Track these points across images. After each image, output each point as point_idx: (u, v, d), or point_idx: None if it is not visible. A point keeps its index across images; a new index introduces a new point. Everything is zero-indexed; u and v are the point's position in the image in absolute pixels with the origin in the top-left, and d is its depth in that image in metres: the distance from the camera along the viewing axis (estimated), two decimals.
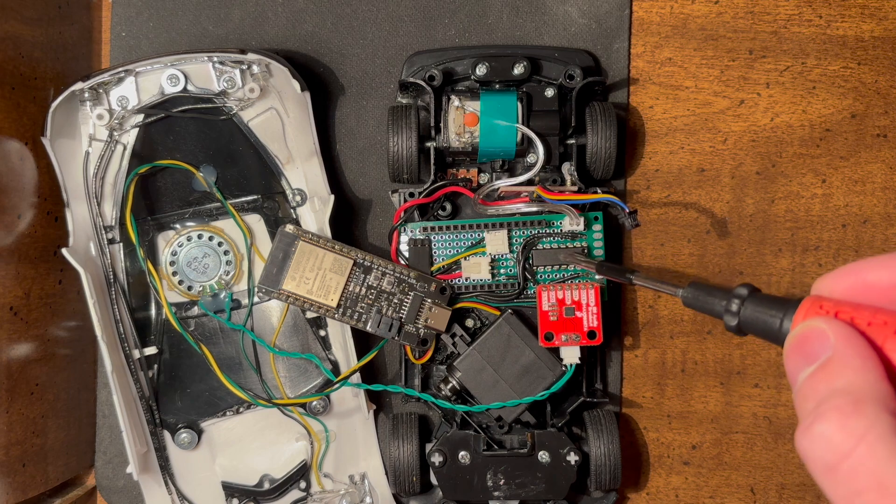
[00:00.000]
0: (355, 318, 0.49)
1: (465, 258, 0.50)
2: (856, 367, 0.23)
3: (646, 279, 0.39)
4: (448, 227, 0.50)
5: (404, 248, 0.50)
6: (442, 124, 0.50)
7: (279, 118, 0.51)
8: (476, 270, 0.50)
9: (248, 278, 0.52)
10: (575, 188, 0.50)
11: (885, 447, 0.21)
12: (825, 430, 0.22)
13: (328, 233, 0.50)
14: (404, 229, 0.50)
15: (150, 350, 0.52)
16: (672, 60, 0.54)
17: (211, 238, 0.52)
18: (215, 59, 0.49)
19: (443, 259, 0.50)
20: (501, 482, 0.51)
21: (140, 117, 0.50)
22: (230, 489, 0.53)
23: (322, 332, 0.53)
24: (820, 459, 0.22)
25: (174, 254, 0.52)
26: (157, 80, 0.50)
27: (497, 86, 0.51)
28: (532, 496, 0.51)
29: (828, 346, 0.24)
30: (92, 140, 0.50)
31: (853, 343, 0.23)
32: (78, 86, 0.48)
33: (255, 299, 0.52)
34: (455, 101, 0.50)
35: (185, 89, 0.50)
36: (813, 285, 0.26)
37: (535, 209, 0.49)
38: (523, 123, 0.49)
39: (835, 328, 0.24)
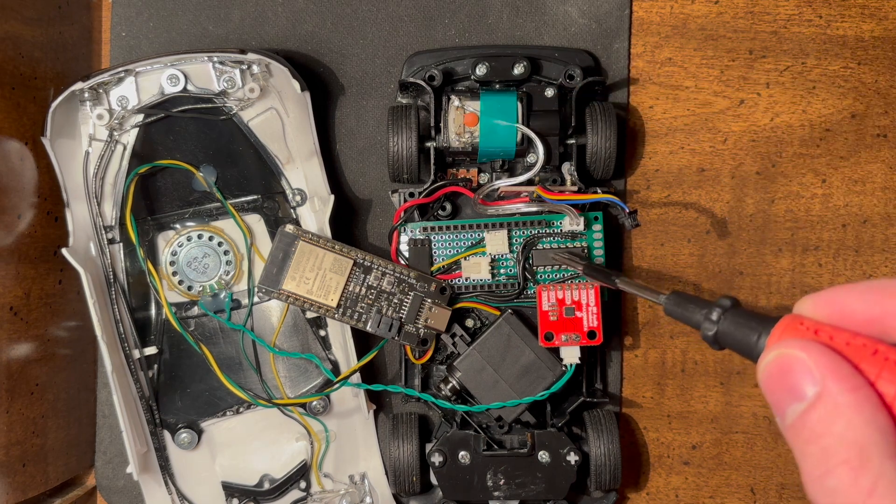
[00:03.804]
0: (355, 318, 0.49)
1: (465, 258, 0.50)
2: (851, 406, 0.23)
3: (629, 284, 0.38)
4: (448, 227, 0.50)
5: (404, 248, 0.50)
6: (442, 124, 0.50)
7: (279, 118, 0.51)
8: (476, 270, 0.50)
9: (248, 278, 0.52)
10: (575, 188, 0.50)
11: (892, 497, 0.22)
12: (837, 486, 0.22)
13: (328, 233, 0.50)
14: (404, 229, 0.50)
15: (150, 350, 0.52)
16: (672, 60, 0.54)
17: (211, 238, 0.52)
18: (215, 59, 0.49)
19: (443, 259, 0.50)
20: (501, 482, 0.51)
21: (140, 117, 0.50)
22: (230, 489, 0.53)
23: (322, 332, 0.53)
24: None
25: (174, 254, 0.52)
26: (157, 80, 0.50)
27: (497, 86, 0.51)
28: (532, 496, 0.51)
29: (813, 380, 0.23)
30: (92, 140, 0.50)
31: (840, 374, 0.23)
32: (78, 86, 0.48)
33: (255, 299, 0.52)
34: (455, 101, 0.50)
35: (185, 89, 0.50)
36: (795, 305, 0.26)
37: (535, 209, 0.49)
38: (523, 123, 0.49)
39: (817, 358, 0.24)
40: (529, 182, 0.49)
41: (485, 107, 0.49)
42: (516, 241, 0.50)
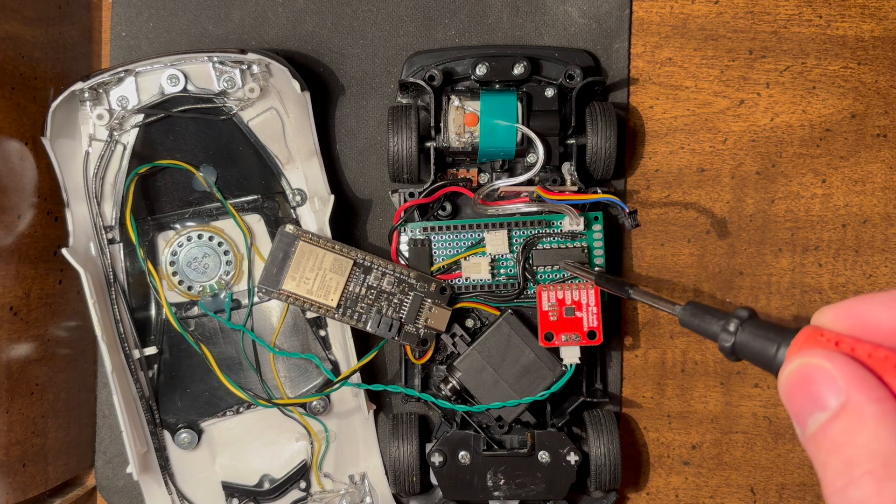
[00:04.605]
0: (355, 318, 0.49)
1: (465, 258, 0.50)
2: (875, 417, 0.22)
3: (643, 294, 0.38)
4: (448, 227, 0.50)
5: (404, 248, 0.50)
6: (442, 124, 0.50)
7: (279, 118, 0.51)
8: (476, 270, 0.50)
9: (248, 278, 0.52)
10: (575, 188, 0.50)
11: None
12: (860, 497, 0.22)
13: (328, 233, 0.50)
14: (404, 229, 0.50)
15: (150, 350, 0.52)
16: (672, 60, 0.54)
17: (211, 238, 0.52)
18: (215, 59, 0.49)
19: (443, 259, 0.50)
20: (501, 482, 0.51)
21: (140, 117, 0.50)
22: (230, 489, 0.53)
23: (322, 332, 0.53)
24: None
25: (174, 254, 0.52)
26: (157, 80, 0.50)
27: (497, 86, 0.51)
28: (532, 496, 0.51)
29: (837, 390, 0.23)
30: (92, 140, 0.50)
31: (865, 385, 0.23)
32: (78, 86, 0.48)
33: (255, 299, 0.52)
34: (455, 101, 0.50)
35: (185, 89, 0.50)
36: (813, 316, 0.25)
37: (535, 209, 0.49)
38: (523, 123, 0.49)
39: (841, 368, 0.23)
40: (529, 182, 0.49)
41: (485, 107, 0.49)
42: (516, 241, 0.50)
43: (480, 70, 0.50)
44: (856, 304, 0.25)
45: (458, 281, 0.50)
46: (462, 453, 0.51)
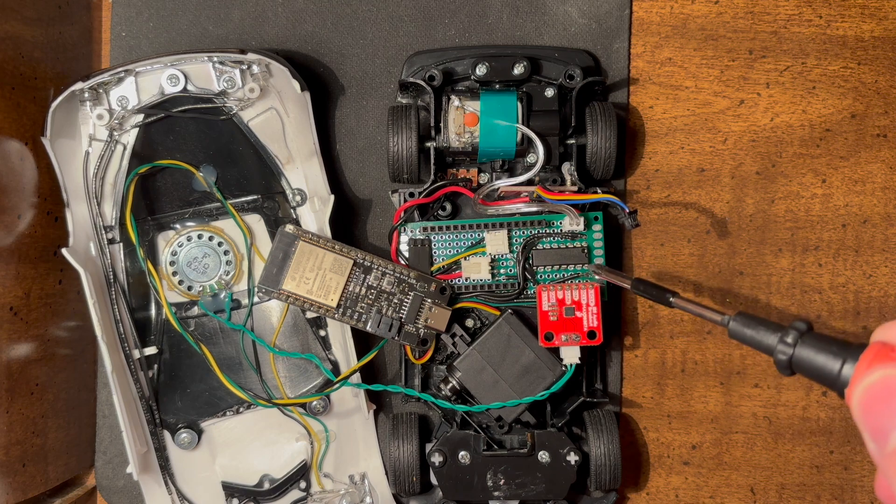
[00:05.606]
0: (355, 318, 0.49)
1: (465, 258, 0.50)
2: None
3: (687, 303, 0.36)
4: (448, 227, 0.50)
5: (404, 248, 0.50)
6: (442, 124, 0.50)
7: (279, 118, 0.52)
8: (476, 270, 0.50)
9: (248, 278, 0.52)
10: (575, 188, 0.50)
11: None
12: None
13: (328, 233, 0.50)
14: (404, 229, 0.50)
15: (150, 350, 0.52)
16: (672, 60, 0.54)
17: (211, 238, 0.52)
18: (215, 59, 0.49)
19: (443, 259, 0.50)
20: (501, 482, 0.51)
21: (140, 117, 0.50)
22: (230, 489, 0.53)
23: (322, 332, 0.53)
24: None
25: (174, 254, 0.52)
26: (157, 80, 0.50)
27: (497, 86, 0.51)
28: (532, 496, 0.51)
29: None
30: (92, 140, 0.50)
31: None
32: (78, 86, 0.48)
33: (255, 299, 0.52)
34: (455, 101, 0.50)
35: (185, 89, 0.50)
36: (875, 332, 0.24)
37: (535, 209, 0.49)
38: (523, 123, 0.49)
39: None
40: (529, 182, 0.49)
41: (485, 107, 0.49)
42: (516, 241, 0.50)
43: (480, 70, 0.50)
44: None
45: (458, 281, 0.50)
46: (462, 453, 0.51)
